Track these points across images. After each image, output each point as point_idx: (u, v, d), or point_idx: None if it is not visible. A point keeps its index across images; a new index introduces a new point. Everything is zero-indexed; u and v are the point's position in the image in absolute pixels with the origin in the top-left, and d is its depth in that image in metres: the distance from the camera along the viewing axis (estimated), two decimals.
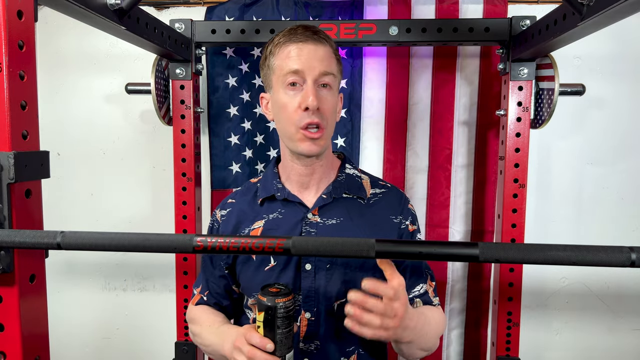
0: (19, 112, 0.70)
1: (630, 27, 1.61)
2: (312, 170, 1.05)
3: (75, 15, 0.94)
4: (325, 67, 0.97)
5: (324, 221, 1.04)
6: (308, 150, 0.99)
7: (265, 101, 1.09)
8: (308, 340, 1.02)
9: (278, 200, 1.07)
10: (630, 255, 0.64)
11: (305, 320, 1.02)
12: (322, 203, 1.05)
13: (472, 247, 0.68)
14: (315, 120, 0.96)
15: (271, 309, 0.84)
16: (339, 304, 1.02)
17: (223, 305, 1.15)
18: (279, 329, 0.85)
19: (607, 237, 1.70)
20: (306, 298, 1.02)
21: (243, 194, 1.16)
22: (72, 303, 1.88)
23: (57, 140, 1.81)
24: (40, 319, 0.75)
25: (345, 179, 1.08)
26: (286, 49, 0.98)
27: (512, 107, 1.43)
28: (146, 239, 0.68)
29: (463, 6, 1.59)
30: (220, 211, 1.15)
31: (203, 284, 1.17)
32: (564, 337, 1.78)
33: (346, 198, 1.07)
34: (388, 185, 1.13)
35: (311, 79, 0.96)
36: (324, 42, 0.99)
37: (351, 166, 1.13)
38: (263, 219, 1.07)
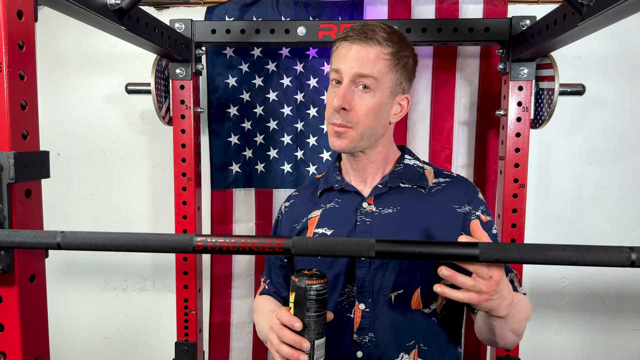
0: (19, 112, 0.70)
1: (630, 27, 1.61)
2: (364, 165, 1.06)
3: (75, 15, 0.94)
4: (362, 69, 0.96)
5: (380, 210, 1.03)
6: (332, 145, 1.01)
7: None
8: (362, 332, 1.01)
9: (336, 191, 1.09)
10: (630, 255, 0.64)
11: (360, 311, 1.01)
12: (377, 192, 1.04)
13: (472, 247, 0.68)
14: (338, 121, 0.98)
15: (302, 289, 0.84)
16: (396, 295, 1.00)
17: (283, 296, 1.17)
18: (309, 311, 0.84)
19: (607, 237, 1.70)
20: (361, 289, 1.01)
21: (306, 188, 1.21)
22: (72, 303, 1.88)
23: (57, 140, 1.81)
24: (40, 319, 0.75)
25: (403, 169, 1.07)
26: (339, 47, 1.01)
27: (512, 107, 1.43)
28: (146, 239, 0.68)
29: (463, 6, 1.59)
30: (285, 203, 1.20)
31: (267, 273, 1.21)
32: (564, 337, 1.78)
33: (405, 188, 1.05)
34: (454, 175, 1.11)
35: (347, 79, 0.97)
36: (373, 43, 0.97)
37: (411, 157, 1.12)
38: (320, 208, 1.09)
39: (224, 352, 1.77)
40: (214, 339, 1.77)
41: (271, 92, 1.70)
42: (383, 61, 0.98)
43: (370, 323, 1.01)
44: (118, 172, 1.82)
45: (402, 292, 1.00)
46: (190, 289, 1.54)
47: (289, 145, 1.72)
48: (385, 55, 0.98)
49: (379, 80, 0.98)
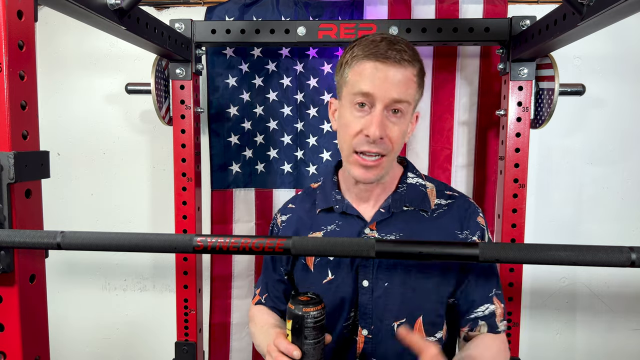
0: (19, 112, 0.70)
1: (630, 27, 1.61)
2: (371, 188, 1.02)
3: (75, 15, 0.94)
4: (400, 95, 0.89)
5: (382, 237, 0.99)
6: (361, 177, 0.95)
7: (334, 108, 1.03)
8: (365, 357, 1.00)
9: (336, 213, 1.04)
10: (630, 255, 0.64)
11: (362, 337, 1.00)
12: (380, 218, 1.00)
13: (472, 247, 0.68)
14: (374, 149, 0.91)
15: (299, 317, 0.82)
16: (399, 324, 0.98)
17: (281, 310, 1.15)
18: (307, 339, 0.83)
19: (607, 237, 1.70)
20: (363, 315, 0.99)
21: (302, 201, 1.14)
22: (72, 303, 1.88)
23: (57, 140, 1.81)
24: (40, 319, 0.75)
25: (406, 190, 1.02)
26: (363, 64, 0.90)
27: (512, 107, 1.43)
28: (146, 239, 0.69)
29: (463, 6, 1.59)
30: (281, 216, 1.15)
31: (262, 286, 1.18)
32: (564, 337, 1.78)
33: (407, 211, 1.01)
34: (456, 195, 1.05)
35: (381, 105, 0.89)
36: (406, 65, 0.90)
37: (414, 174, 1.07)
38: (321, 230, 1.05)
39: (224, 352, 1.77)
40: (214, 339, 1.77)
41: (271, 92, 1.70)
42: (413, 84, 0.93)
43: (373, 349, 1.00)
44: (118, 172, 1.82)
45: (405, 321, 0.98)
46: (190, 289, 1.54)
47: (289, 145, 1.72)
48: (414, 77, 0.93)
49: (410, 104, 0.94)
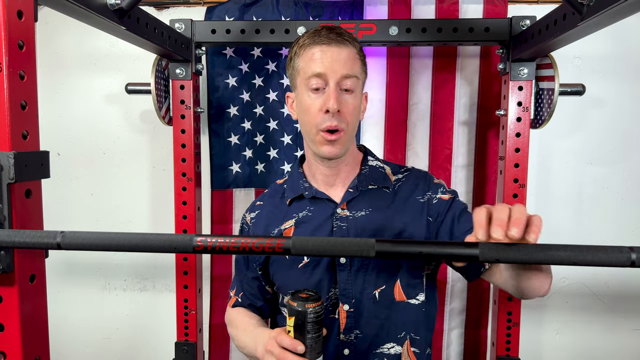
0: (19, 112, 0.70)
1: (630, 27, 1.61)
2: (338, 170, 1.08)
3: (75, 15, 0.94)
4: (348, 70, 0.98)
5: (354, 214, 1.05)
6: (328, 153, 1.01)
7: (291, 100, 1.11)
8: (348, 332, 1.03)
9: (306, 199, 1.09)
10: (630, 255, 0.64)
11: (344, 312, 1.03)
12: (349, 197, 1.06)
13: (472, 247, 0.68)
14: (334, 123, 0.98)
15: (301, 313, 0.86)
16: (380, 291, 1.03)
17: (257, 306, 1.17)
18: (309, 333, 0.86)
19: (607, 237, 1.70)
20: (344, 291, 1.03)
21: (270, 196, 1.18)
22: (72, 303, 1.88)
23: (57, 140, 1.81)
24: (40, 319, 0.75)
25: (369, 171, 1.10)
26: (310, 51, 1.00)
27: (512, 107, 1.43)
28: (146, 239, 0.68)
29: (463, 6, 1.59)
30: (250, 214, 1.17)
31: (237, 286, 1.20)
32: (564, 337, 1.78)
33: (372, 189, 1.08)
34: (409, 168, 1.15)
35: (333, 82, 0.97)
36: (347, 44, 1.00)
37: (373, 158, 1.14)
38: (293, 218, 1.09)
39: (224, 352, 1.77)
40: (214, 339, 1.77)
41: (271, 92, 1.70)
42: (358, 60, 1.02)
43: (355, 321, 1.03)
44: (118, 172, 1.82)
45: (385, 287, 1.03)
46: (190, 289, 1.54)
47: (289, 145, 1.72)
48: (357, 55, 1.02)
49: (359, 79, 1.02)
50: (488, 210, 0.70)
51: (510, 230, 0.66)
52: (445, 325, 1.69)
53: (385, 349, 1.04)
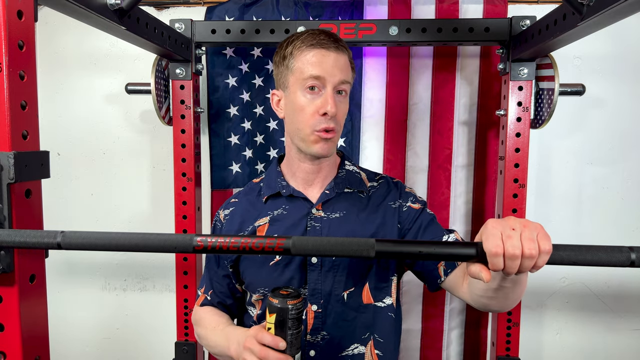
0: (19, 112, 0.70)
1: (630, 27, 1.61)
2: (319, 168, 1.09)
3: (75, 15, 0.94)
4: (344, 76, 1.01)
5: (328, 215, 1.06)
6: (322, 151, 1.02)
7: (277, 98, 1.10)
8: (315, 332, 1.04)
9: (282, 197, 1.10)
10: (630, 255, 0.64)
11: (312, 312, 1.04)
12: (325, 198, 1.08)
13: (472, 247, 0.68)
14: (331, 125, 1.00)
15: (283, 310, 0.86)
16: (348, 293, 1.04)
17: (227, 304, 1.17)
18: (290, 330, 0.87)
19: (607, 237, 1.70)
20: (313, 291, 1.04)
21: (246, 194, 1.18)
22: (72, 303, 1.88)
23: (57, 140, 1.81)
24: (40, 319, 0.75)
25: (345, 175, 1.12)
26: (309, 52, 1.01)
27: (512, 107, 1.43)
28: (146, 239, 0.69)
29: (463, 6, 1.59)
30: (224, 211, 1.17)
31: (207, 284, 1.19)
32: (564, 337, 1.78)
33: (347, 193, 1.10)
34: (383, 176, 1.18)
35: (331, 87, 1.00)
36: (344, 51, 1.03)
37: (350, 163, 1.16)
38: (268, 215, 1.09)
39: None
40: None
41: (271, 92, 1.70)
42: (350, 67, 1.05)
43: (323, 323, 1.04)
44: (118, 172, 1.82)
45: (354, 289, 1.05)
46: (190, 289, 1.54)
47: None
48: (350, 63, 1.06)
49: (350, 85, 1.05)
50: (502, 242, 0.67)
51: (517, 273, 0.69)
52: (445, 325, 1.69)
53: (350, 351, 1.05)
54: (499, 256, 0.66)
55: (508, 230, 0.68)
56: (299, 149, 1.06)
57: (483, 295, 0.91)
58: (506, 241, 0.67)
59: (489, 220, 0.71)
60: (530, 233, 0.67)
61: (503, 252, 0.66)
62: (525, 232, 0.67)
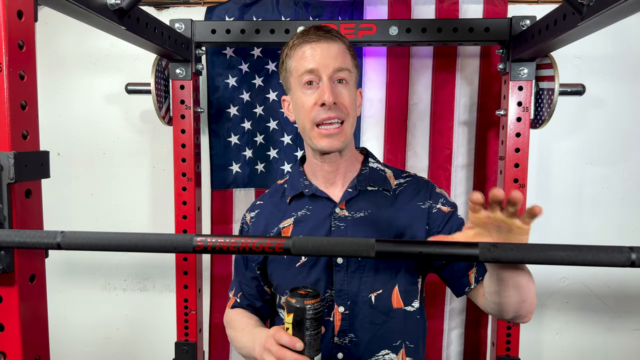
0: (19, 112, 0.70)
1: (630, 27, 1.61)
2: (337, 166, 1.07)
3: (75, 15, 0.94)
4: (340, 63, 0.99)
5: (352, 215, 1.04)
6: (327, 147, 1.00)
7: (287, 103, 1.11)
8: (342, 335, 1.03)
9: (306, 197, 1.09)
10: (630, 255, 0.64)
11: (339, 314, 1.02)
12: (348, 197, 1.06)
13: (472, 247, 0.68)
14: (332, 114, 0.98)
15: (300, 310, 0.85)
16: (375, 295, 1.02)
17: (256, 307, 1.17)
18: (308, 330, 0.86)
19: (607, 237, 1.70)
20: (339, 292, 1.02)
21: (271, 195, 1.18)
22: (72, 303, 1.88)
23: (57, 140, 1.81)
24: (40, 319, 0.75)
25: (369, 172, 1.09)
26: (300, 50, 1.01)
27: (512, 107, 1.43)
28: (146, 239, 0.68)
29: (463, 6, 1.59)
30: (250, 214, 1.17)
31: (236, 287, 1.19)
32: (564, 337, 1.78)
33: (372, 191, 1.08)
34: (411, 175, 1.14)
35: (326, 76, 0.98)
36: (336, 40, 1.01)
37: (374, 160, 1.14)
38: (292, 217, 1.09)
39: (224, 352, 1.77)
40: (214, 339, 1.77)
41: (271, 92, 1.70)
42: (348, 55, 1.03)
43: (350, 324, 1.02)
44: (118, 172, 1.82)
45: (382, 292, 1.02)
46: (190, 289, 1.54)
47: (289, 145, 1.72)
48: (347, 50, 1.03)
49: (351, 73, 1.03)
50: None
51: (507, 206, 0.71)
52: (445, 325, 1.69)
53: (380, 356, 1.02)
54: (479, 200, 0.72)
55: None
56: (312, 149, 1.06)
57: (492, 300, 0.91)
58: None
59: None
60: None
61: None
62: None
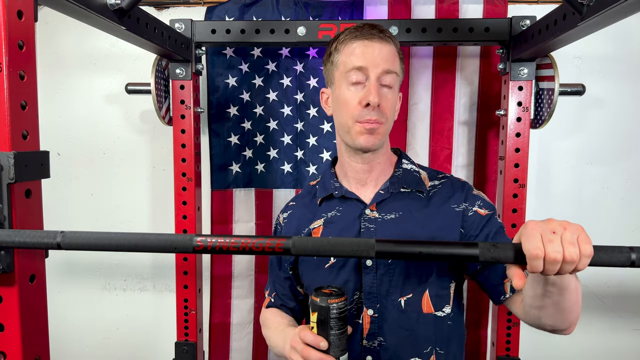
0: (19, 112, 0.70)
1: (630, 27, 1.61)
2: (370, 167, 1.05)
3: (75, 15, 0.94)
4: (389, 66, 0.98)
5: (383, 216, 1.02)
6: (366, 143, 0.99)
7: (326, 96, 1.09)
8: (371, 338, 1.01)
9: (336, 198, 1.08)
10: (630, 255, 0.64)
11: (368, 317, 1.01)
12: (380, 199, 1.04)
13: (472, 247, 0.68)
14: (374, 117, 0.97)
15: (324, 309, 0.85)
16: (405, 300, 1.00)
17: (290, 307, 1.17)
18: (332, 329, 0.85)
19: (607, 237, 1.70)
20: (368, 295, 1.01)
21: (302, 197, 1.18)
22: (72, 303, 1.88)
23: (57, 140, 1.81)
24: (40, 319, 0.75)
25: (402, 174, 1.07)
26: (351, 45, 0.99)
27: (512, 107, 1.43)
28: (146, 239, 0.68)
29: (463, 6, 1.59)
30: (282, 214, 1.18)
31: (271, 287, 1.20)
32: (564, 337, 1.77)
33: (404, 192, 1.05)
34: (447, 176, 1.11)
35: (374, 76, 0.97)
36: (389, 41, 0.99)
37: (408, 161, 1.11)
38: (322, 218, 1.08)
39: (224, 352, 1.77)
40: (214, 339, 1.77)
41: (271, 92, 1.70)
42: (397, 58, 1.01)
43: (379, 328, 1.01)
44: (118, 172, 1.82)
45: (412, 296, 1.00)
46: (190, 289, 1.54)
47: (289, 145, 1.72)
48: (397, 53, 1.02)
49: (398, 77, 1.01)
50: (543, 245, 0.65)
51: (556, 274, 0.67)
52: None
53: None
54: (539, 259, 0.64)
55: (549, 234, 0.65)
56: (347, 146, 1.04)
57: (532, 305, 0.86)
58: (547, 245, 0.64)
59: (529, 222, 0.69)
60: (571, 236, 0.64)
61: (544, 256, 0.64)
62: (566, 235, 0.65)
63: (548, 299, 0.80)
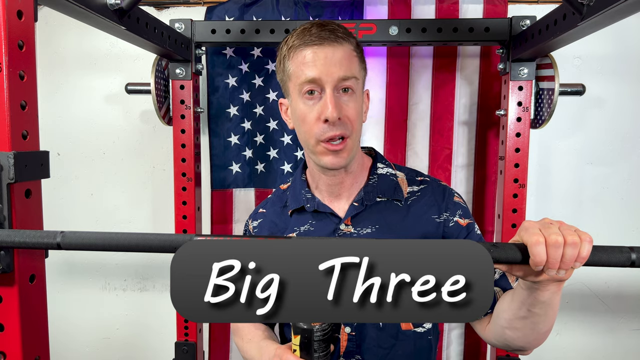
0: (19, 112, 0.70)
1: (630, 27, 1.61)
2: (341, 179, 0.99)
3: (75, 15, 0.94)
4: (345, 72, 0.89)
5: (358, 231, 0.97)
6: (332, 164, 0.92)
7: (285, 107, 1.02)
8: (348, 356, 0.98)
9: (308, 212, 1.02)
10: (630, 255, 0.64)
11: (346, 335, 0.98)
12: (354, 212, 0.98)
13: None
14: (337, 132, 0.89)
15: (307, 332, 0.82)
16: None
17: None
18: (316, 352, 0.83)
19: (607, 237, 1.70)
20: None
21: (273, 204, 1.12)
22: (72, 303, 1.88)
23: (57, 140, 1.81)
24: (40, 319, 0.75)
25: (377, 181, 1.01)
26: (301, 53, 0.90)
27: (512, 107, 1.43)
28: (146, 239, 0.69)
29: (463, 6, 1.59)
30: (252, 222, 1.12)
31: None
32: (564, 337, 1.78)
33: (380, 202, 0.99)
34: (427, 180, 1.04)
35: (330, 88, 0.88)
36: (341, 41, 0.90)
37: (383, 164, 1.05)
38: (294, 232, 1.03)
39: (224, 352, 1.77)
40: (214, 339, 1.77)
41: (271, 92, 1.70)
42: (355, 58, 0.93)
43: (357, 346, 0.98)
44: (118, 172, 1.82)
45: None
46: None
47: (289, 145, 1.72)
48: (354, 52, 0.93)
49: (358, 80, 0.93)
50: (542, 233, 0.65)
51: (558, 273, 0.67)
52: (445, 325, 1.69)
53: None
54: (541, 244, 0.63)
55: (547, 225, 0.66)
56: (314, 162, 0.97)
57: (509, 326, 0.84)
58: (546, 231, 0.64)
59: (525, 221, 0.70)
60: (568, 226, 0.66)
61: (545, 241, 0.63)
62: (563, 225, 0.66)
63: (528, 320, 0.80)
